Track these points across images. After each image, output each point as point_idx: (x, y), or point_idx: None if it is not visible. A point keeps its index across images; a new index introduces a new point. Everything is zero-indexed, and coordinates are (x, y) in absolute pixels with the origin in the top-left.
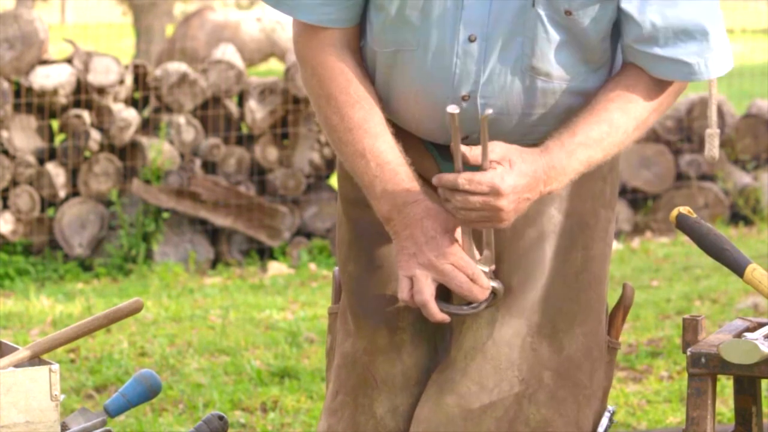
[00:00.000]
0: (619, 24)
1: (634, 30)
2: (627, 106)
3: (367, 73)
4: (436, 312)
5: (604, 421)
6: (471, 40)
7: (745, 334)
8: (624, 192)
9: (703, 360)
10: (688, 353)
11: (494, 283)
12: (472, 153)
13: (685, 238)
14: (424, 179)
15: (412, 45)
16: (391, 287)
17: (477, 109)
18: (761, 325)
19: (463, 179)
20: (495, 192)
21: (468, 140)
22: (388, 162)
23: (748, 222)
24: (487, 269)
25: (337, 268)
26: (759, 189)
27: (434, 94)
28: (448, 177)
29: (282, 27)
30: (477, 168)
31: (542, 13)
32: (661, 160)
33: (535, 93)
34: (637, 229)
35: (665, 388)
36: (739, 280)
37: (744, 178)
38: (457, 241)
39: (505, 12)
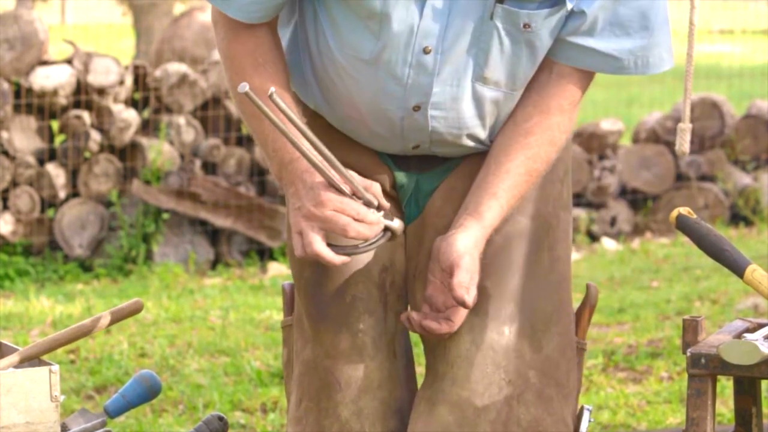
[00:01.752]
0: None
1: (574, 23)
2: (546, 136)
3: (280, 43)
4: (332, 256)
5: (585, 420)
6: (426, 52)
7: (745, 334)
8: (624, 192)
9: (703, 361)
10: (688, 354)
11: (389, 222)
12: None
13: (685, 239)
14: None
15: (366, 53)
16: (349, 291)
17: (427, 119)
18: (761, 326)
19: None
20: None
21: (418, 149)
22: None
23: (748, 223)
24: (378, 211)
25: (286, 282)
26: (759, 190)
27: (385, 104)
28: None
29: None
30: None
31: (499, 26)
32: (661, 161)
33: (484, 102)
34: (637, 230)
35: (665, 389)
36: (739, 281)
37: (744, 179)
38: (335, 187)
39: (462, 24)
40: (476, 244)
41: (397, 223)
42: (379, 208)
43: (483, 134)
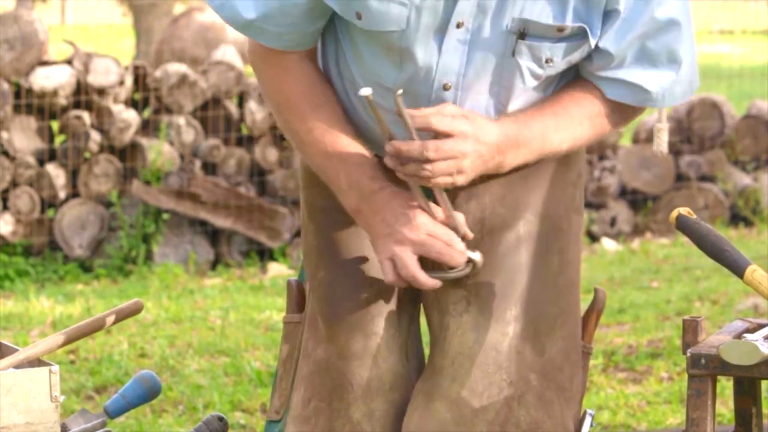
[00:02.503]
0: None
1: (602, 61)
2: (582, 100)
3: (326, 77)
4: (427, 280)
5: (587, 424)
6: (446, 88)
7: (745, 335)
8: (624, 193)
9: (703, 361)
10: (688, 354)
11: (471, 254)
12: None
13: (685, 239)
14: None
15: (388, 81)
16: (363, 293)
17: None
18: (761, 326)
19: (431, 151)
20: (458, 154)
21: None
22: (351, 155)
23: (747, 223)
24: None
25: (292, 278)
26: (759, 190)
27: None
28: (410, 147)
29: None
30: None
31: (522, 63)
32: (660, 161)
33: None
34: (637, 230)
35: (665, 389)
36: (739, 281)
37: (744, 179)
38: (426, 212)
39: (483, 61)
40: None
41: (478, 256)
42: (463, 237)
43: None
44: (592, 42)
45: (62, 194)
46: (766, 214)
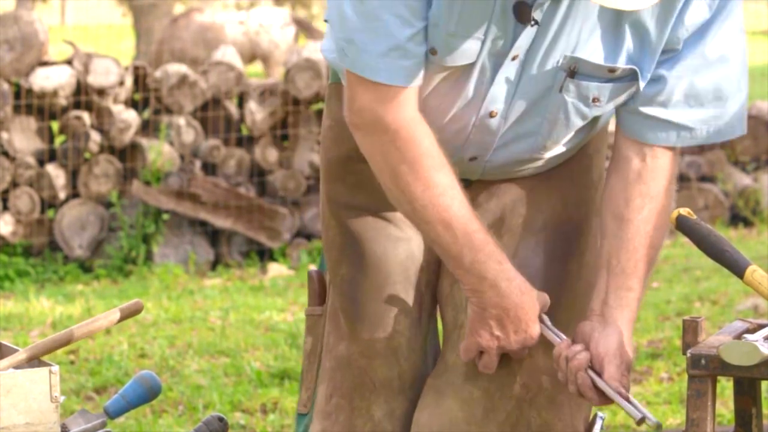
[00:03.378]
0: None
1: (648, 94)
2: (660, 220)
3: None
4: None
5: (597, 427)
6: (491, 115)
7: (745, 335)
8: None
9: (703, 361)
10: (688, 355)
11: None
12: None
13: (685, 240)
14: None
15: (434, 109)
16: (387, 291)
17: (480, 167)
18: (761, 327)
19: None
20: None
21: (465, 182)
22: (475, 231)
23: (747, 223)
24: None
25: (313, 268)
26: (759, 190)
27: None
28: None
29: (265, 31)
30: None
31: (568, 100)
32: None
33: (541, 159)
34: None
35: (665, 390)
36: (739, 282)
37: (744, 180)
38: (541, 328)
39: (530, 94)
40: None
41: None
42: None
43: (532, 172)
44: (641, 84)
45: (62, 194)
46: (766, 215)
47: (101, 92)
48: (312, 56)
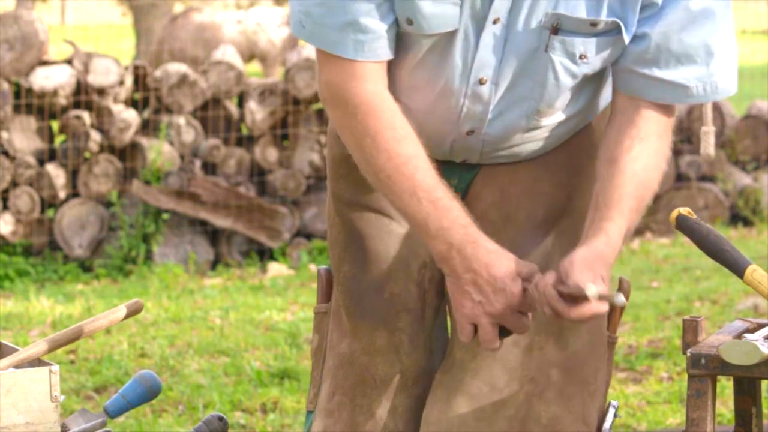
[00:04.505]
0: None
1: (636, 51)
2: (651, 162)
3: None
4: (499, 345)
5: (610, 416)
6: (481, 82)
7: (745, 335)
8: None
9: (703, 361)
10: (688, 354)
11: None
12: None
13: (684, 239)
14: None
15: (423, 83)
16: (388, 288)
17: (479, 142)
18: (761, 326)
19: (573, 316)
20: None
21: (464, 161)
22: (439, 198)
23: (747, 223)
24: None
25: (322, 267)
26: (759, 190)
27: (438, 128)
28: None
29: (263, 29)
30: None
31: (555, 58)
32: None
33: (538, 127)
34: (637, 230)
35: (665, 389)
36: (739, 281)
37: (744, 179)
38: (524, 287)
39: (518, 57)
40: (594, 257)
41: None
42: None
43: (535, 150)
44: (626, 38)
45: (62, 194)
46: (766, 214)
47: (101, 92)
48: (312, 56)
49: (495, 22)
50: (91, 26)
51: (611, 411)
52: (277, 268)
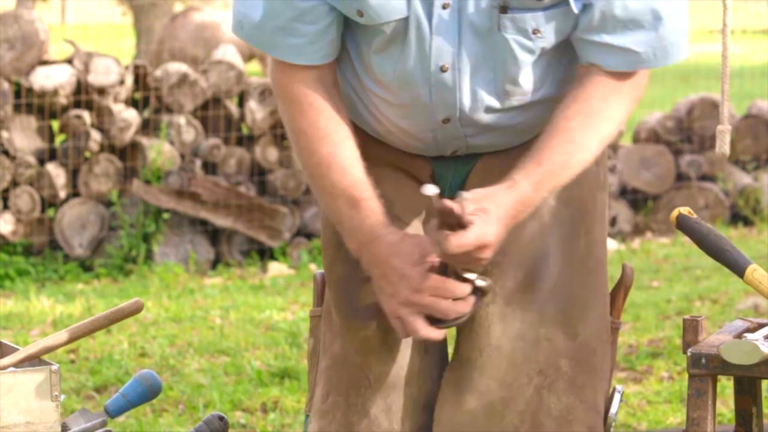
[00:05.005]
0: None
1: (585, 19)
2: (587, 121)
3: (342, 105)
4: (437, 335)
5: (616, 401)
6: (443, 70)
7: (746, 334)
8: (624, 192)
9: (703, 361)
10: (689, 354)
11: (480, 282)
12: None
13: (685, 239)
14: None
15: (388, 75)
16: None
17: (458, 129)
18: (761, 326)
19: (453, 246)
20: (482, 247)
21: (457, 153)
22: (353, 197)
23: (748, 223)
24: (469, 276)
25: (318, 272)
26: (759, 190)
27: (415, 120)
28: (437, 241)
29: None
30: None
31: (509, 37)
32: (661, 161)
33: (510, 110)
34: (638, 230)
35: (665, 389)
36: (739, 281)
37: (744, 179)
38: (427, 269)
39: (474, 40)
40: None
41: (486, 282)
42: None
43: (524, 131)
44: (574, 8)
45: (62, 194)
46: (766, 214)
47: (101, 91)
48: None
49: (444, 7)
50: (91, 26)
51: (617, 396)
52: (277, 268)
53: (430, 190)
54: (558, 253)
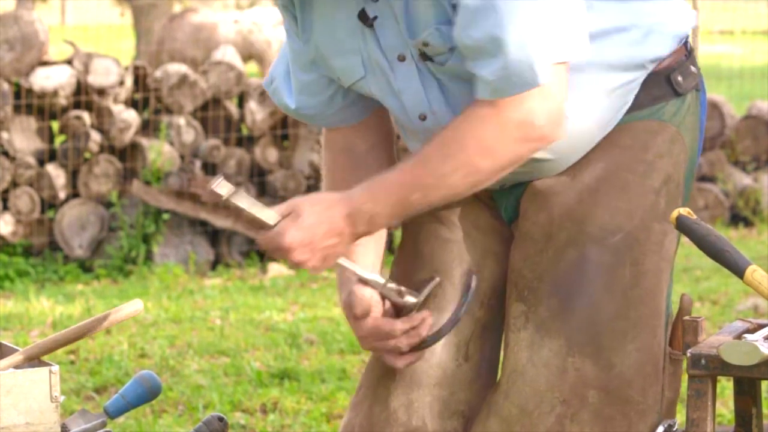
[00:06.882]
0: None
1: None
2: (443, 149)
3: (372, 162)
4: (401, 363)
5: None
6: (421, 118)
7: (745, 335)
8: None
9: (703, 361)
10: (688, 354)
11: (410, 297)
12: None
13: (684, 240)
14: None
15: (398, 122)
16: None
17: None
18: (761, 327)
19: (261, 240)
20: (279, 248)
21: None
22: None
23: (747, 223)
24: (397, 297)
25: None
26: (759, 190)
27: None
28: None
29: (259, 29)
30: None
31: (451, 77)
32: None
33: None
34: None
35: None
36: (739, 282)
37: (744, 180)
38: (365, 320)
39: (433, 83)
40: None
41: (413, 299)
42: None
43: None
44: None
45: (62, 194)
46: (766, 215)
47: (101, 92)
48: None
49: (401, 59)
50: (91, 26)
51: (660, 429)
52: (277, 269)
53: (222, 188)
54: (598, 283)
